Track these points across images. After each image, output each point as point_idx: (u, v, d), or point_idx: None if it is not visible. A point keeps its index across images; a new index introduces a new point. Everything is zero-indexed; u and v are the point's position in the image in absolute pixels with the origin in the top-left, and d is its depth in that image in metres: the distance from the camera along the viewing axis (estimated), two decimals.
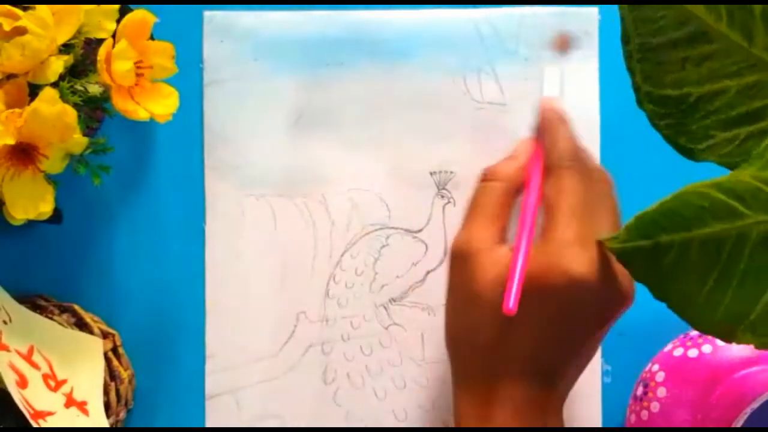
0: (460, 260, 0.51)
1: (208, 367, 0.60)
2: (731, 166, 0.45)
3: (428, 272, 0.60)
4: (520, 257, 0.49)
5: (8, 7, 0.49)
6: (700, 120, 0.45)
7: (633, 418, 0.57)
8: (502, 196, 0.52)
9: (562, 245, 0.48)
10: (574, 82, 0.60)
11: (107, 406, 0.56)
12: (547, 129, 0.53)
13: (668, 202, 0.43)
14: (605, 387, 0.59)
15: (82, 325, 0.58)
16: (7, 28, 0.48)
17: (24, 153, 0.50)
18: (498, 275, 0.49)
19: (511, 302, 0.47)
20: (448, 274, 0.52)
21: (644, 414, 0.56)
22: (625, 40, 0.45)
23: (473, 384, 0.50)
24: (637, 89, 0.45)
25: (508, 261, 0.49)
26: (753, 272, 0.44)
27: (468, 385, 0.51)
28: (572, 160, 0.51)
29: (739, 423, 0.52)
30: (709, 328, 0.45)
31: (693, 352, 0.56)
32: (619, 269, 0.48)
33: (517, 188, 0.53)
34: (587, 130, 0.60)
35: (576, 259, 0.48)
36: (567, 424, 0.59)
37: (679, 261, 0.44)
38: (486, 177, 0.53)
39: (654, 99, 0.45)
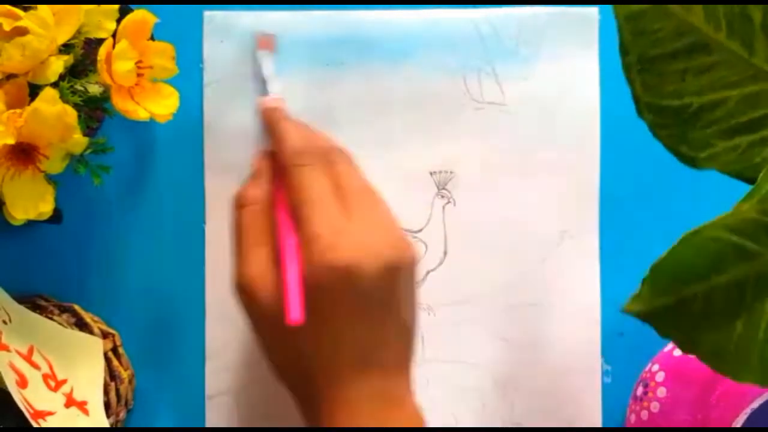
0: (244, 295, 0.51)
1: (208, 367, 0.60)
2: (734, 175, 0.45)
3: (428, 272, 0.60)
4: (288, 266, 0.49)
5: (8, 7, 0.49)
6: (701, 129, 0.44)
7: (633, 418, 0.57)
8: (261, 217, 0.52)
9: (314, 241, 0.48)
10: (575, 82, 0.60)
11: (107, 406, 0.56)
12: (269, 132, 0.54)
13: (679, 250, 0.42)
14: (605, 387, 0.59)
15: (82, 325, 0.57)
16: (7, 28, 0.48)
17: (24, 153, 0.50)
18: (279, 294, 0.49)
19: (293, 312, 0.48)
20: (243, 313, 0.52)
21: (644, 414, 0.56)
22: (624, 51, 0.44)
23: (309, 401, 0.50)
24: (636, 100, 0.45)
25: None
26: None
27: (305, 404, 0.51)
28: (301, 155, 0.51)
29: (739, 423, 0.52)
30: (747, 375, 0.43)
31: None
32: (381, 238, 0.49)
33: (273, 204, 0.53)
34: (587, 130, 0.60)
35: (330, 248, 0.48)
36: (567, 424, 0.59)
37: (704, 312, 0.42)
38: (239, 203, 0.53)
39: (654, 109, 0.44)
